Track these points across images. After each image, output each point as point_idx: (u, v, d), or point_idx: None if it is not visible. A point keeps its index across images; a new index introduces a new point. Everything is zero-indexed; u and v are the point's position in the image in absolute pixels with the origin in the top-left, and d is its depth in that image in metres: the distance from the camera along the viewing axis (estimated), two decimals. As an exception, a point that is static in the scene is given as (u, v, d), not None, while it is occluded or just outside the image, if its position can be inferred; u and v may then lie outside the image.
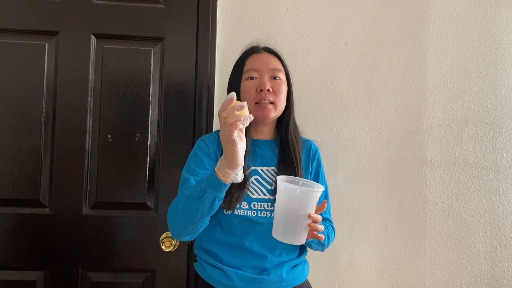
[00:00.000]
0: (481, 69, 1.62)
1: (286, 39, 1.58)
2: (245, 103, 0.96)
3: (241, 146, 0.98)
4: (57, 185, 1.47)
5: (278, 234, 1.03)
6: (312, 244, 1.18)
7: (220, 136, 0.98)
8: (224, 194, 1.04)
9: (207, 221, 1.09)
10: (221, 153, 1.05)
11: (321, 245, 1.20)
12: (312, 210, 1.01)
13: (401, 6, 1.61)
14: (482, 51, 1.62)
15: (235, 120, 0.93)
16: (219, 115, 0.96)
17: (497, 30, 1.63)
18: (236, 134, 0.95)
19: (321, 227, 1.04)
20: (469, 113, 1.61)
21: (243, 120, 0.94)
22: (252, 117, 0.97)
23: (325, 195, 1.26)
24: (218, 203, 1.04)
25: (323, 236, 1.06)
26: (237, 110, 0.94)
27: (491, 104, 1.62)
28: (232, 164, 0.98)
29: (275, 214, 1.05)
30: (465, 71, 1.62)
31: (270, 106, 1.17)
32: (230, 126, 0.94)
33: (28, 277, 1.46)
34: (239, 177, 1.01)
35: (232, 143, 0.95)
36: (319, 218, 1.03)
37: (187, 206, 1.05)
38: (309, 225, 1.01)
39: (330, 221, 1.28)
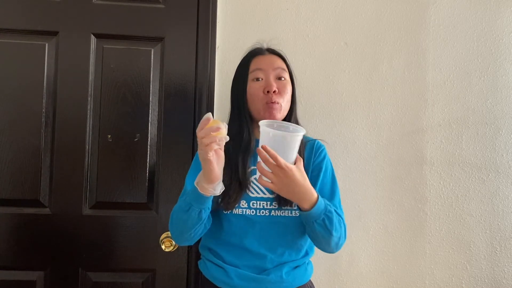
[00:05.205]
0: (481, 69, 1.62)
1: (286, 39, 1.57)
2: (222, 125, 0.98)
3: (218, 163, 1.01)
4: (57, 185, 1.47)
5: None
6: (315, 224, 1.05)
7: (198, 154, 1.02)
8: (209, 205, 1.08)
9: (201, 229, 1.12)
10: None
11: (324, 229, 1.06)
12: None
13: (401, 6, 1.61)
14: (482, 51, 1.62)
15: (211, 141, 0.97)
16: (197, 134, 0.99)
17: (497, 30, 1.63)
18: (211, 154, 0.98)
19: (263, 169, 1.00)
20: (469, 113, 1.61)
21: (219, 141, 0.98)
22: (228, 138, 0.99)
23: (331, 184, 1.21)
24: (205, 213, 1.08)
25: (267, 183, 1.01)
26: (214, 131, 0.96)
27: (491, 104, 1.61)
28: (209, 180, 1.02)
29: None
30: (465, 71, 1.62)
31: (277, 105, 1.18)
32: (205, 147, 0.97)
33: (28, 277, 1.46)
34: (217, 190, 1.04)
35: (208, 162, 0.99)
36: (263, 154, 0.98)
37: (179, 217, 1.11)
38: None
39: (338, 213, 1.14)
